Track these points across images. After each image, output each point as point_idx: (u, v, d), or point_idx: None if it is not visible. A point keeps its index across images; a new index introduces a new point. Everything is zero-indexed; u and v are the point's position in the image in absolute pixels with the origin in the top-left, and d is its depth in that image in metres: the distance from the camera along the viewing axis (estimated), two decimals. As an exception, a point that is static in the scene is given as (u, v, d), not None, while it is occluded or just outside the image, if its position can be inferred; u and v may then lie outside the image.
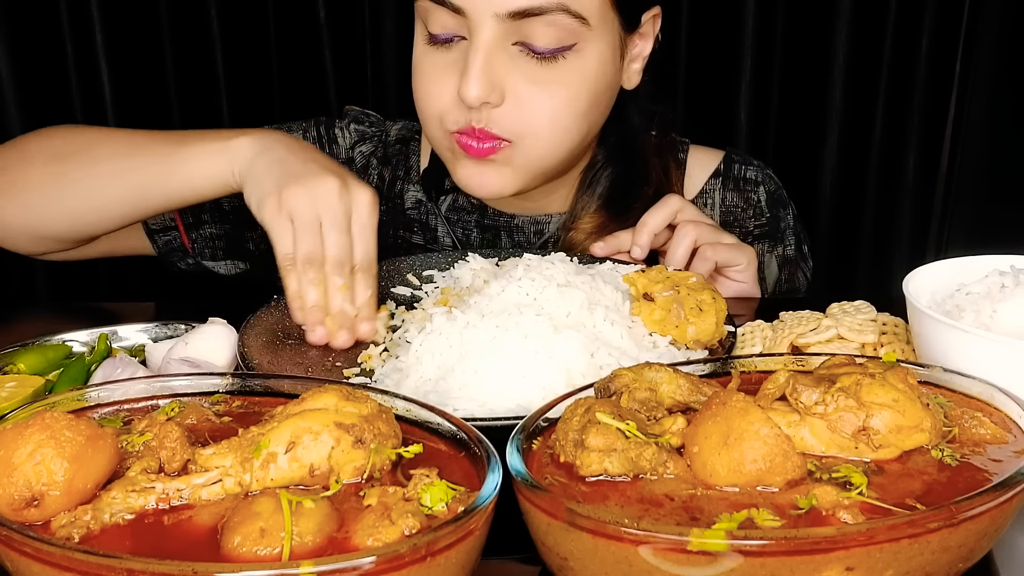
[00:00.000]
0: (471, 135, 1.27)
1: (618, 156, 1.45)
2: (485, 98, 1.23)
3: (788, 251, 1.52)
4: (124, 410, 0.82)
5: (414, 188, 1.51)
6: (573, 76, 1.26)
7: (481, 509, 0.65)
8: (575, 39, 1.24)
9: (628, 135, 1.45)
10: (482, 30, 1.21)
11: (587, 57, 1.26)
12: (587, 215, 1.42)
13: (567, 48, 1.24)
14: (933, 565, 0.65)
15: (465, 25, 1.23)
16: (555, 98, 1.26)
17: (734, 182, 1.52)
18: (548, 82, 1.25)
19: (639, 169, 1.45)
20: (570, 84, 1.26)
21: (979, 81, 2.07)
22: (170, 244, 1.46)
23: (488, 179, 1.31)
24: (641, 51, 1.37)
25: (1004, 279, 1.00)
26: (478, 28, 1.22)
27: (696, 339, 1.08)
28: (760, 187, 1.52)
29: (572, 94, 1.27)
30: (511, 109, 1.25)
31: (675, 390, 0.81)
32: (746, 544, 0.62)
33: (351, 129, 1.53)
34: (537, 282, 1.07)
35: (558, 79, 1.25)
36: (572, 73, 1.26)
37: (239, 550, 0.63)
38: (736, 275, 1.32)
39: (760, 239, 1.51)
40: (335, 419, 0.72)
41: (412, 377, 1.01)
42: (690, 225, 1.29)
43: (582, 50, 1.25)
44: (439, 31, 1.26)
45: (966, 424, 0.77)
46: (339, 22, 2.06)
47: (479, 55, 1.22)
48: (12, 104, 1.96)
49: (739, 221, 1.51)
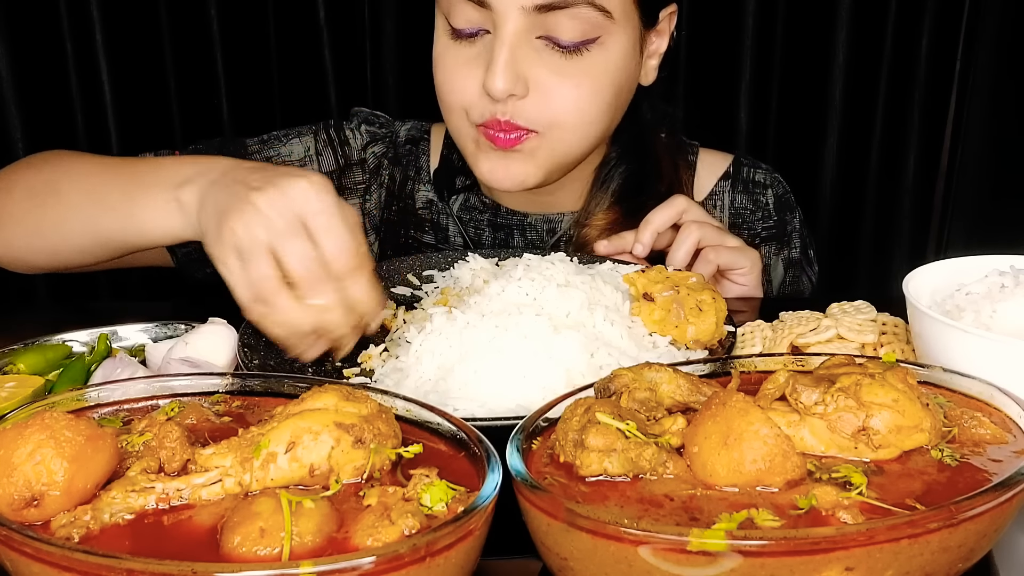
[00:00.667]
0: (496, 127, 1.28)
1: (631, 153, 1.45)
2: (511, 90, 1.24)
3: (794, 254, 1.53)
4: (124, 410, 0.82)
5: (425, 188, 1.52)
6: (597, 69, 1.28)
7: (481, 509, 0.65)
8: (599, 32, 1.25)
9: (641, 132, 1.46)
10: (507, 23, 1.23)
11: (610, 50, 1.28)
12: (600, 212, 1.43)
13: (591, 41, 1.25)
14: (933, 565, 0.65)
15: (490, 19, 1.24)
16: (580, 88, 1.27)
17: (743, 185, 1.53)
18: (572, 74, 1.26)
19: (651, 167, 1.45)
20: (595, 76, 1.28)
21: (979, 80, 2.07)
22: (190, 256, 1.42)
23: (513, 170, 1.32)
24: (658, 48, 1.39)
25: (1004, 279, 1.00)
26: (503, 21, 1.23)
27: (696, 339, 1.08)
28: (769, 190, 1.53)
29: (597, 86, 1.28)
30: (537, 100, 1.27)
31: (675, 390, 0.81)
32: (746, 544, 0.62)
33: (362, 130, 1.53)
34: (537, 282, 1.07)
35: (583, 71, 1.27)
36: (596, 66, 1.27)
37: (239, 550, 0.63)
38: (739, 278, 1.32)
39: (767, 241, 1.51)
40: (335, 419, 0.72)
41: (412, 377, 1.01)
42: (694, 226, 1.29)
43: (605, 43, 1.27)
44: (464, 25, 1.27)
45: (966, 424, 0.77)
46: (339, 22, 2.06)
47: (504, 48, 1.23)
48: (12, 104, 1.96)
49: (747, 223, 1.52)
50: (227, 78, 2.06)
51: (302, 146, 1.49)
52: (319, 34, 2.06)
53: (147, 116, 2.05)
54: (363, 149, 1.52)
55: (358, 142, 1.52)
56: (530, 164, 1.32)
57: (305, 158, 1.49)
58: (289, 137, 1.50)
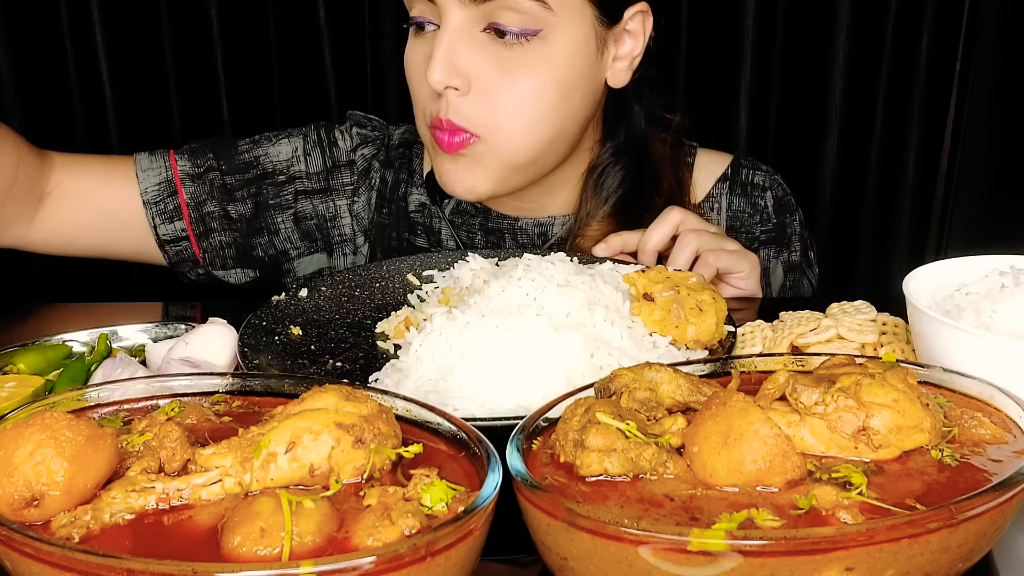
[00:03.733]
0: (439, 127, 1.28)
1: (625, 159, 1.44)
2: (447, 82, 1.24)
3: (793, 257, 1.52)
4: (124, 410, 0.82)
5: (418, 191, 1.51)
6: (539, 63, 1.27)
7: (481, 509, 0.65)
8: (540, 25, 1.24)
9: (634, 137, 1.45)
10: (450, 15, 1.24)
11: (553, 44, 1.26)
12: (595, 222, 1.41)
13: (532, 33, 1.25)
14: (933, 565, 0.65)
15: (436, 12, 1.26)
16: (519, 86, 1.27)
17: (741, 187, 1.51)
18: (513, 68, 1.26)
19: (649, 178, 1.44)
20: (536, 70, 1.27)
21: (979, 80, 2.07)
22: (181, 254, 1.46)
23: (461, 176, 1.32)
24: (631, 50, 1.36)
25: (1004, 279, 1.00)
26: (446, 13, 1.24)
27: (696, 339, 1.08)
28: (768, 192, 1.51)
29: (538, 82, 1.27)
30: (477, 100, 1.26)
31: (675, 390, 0.81)
32: (746, 544, 0.62)
33: (353, 133, 1.53)
34: (537, 282, 1.07)
35: (523, 64, 1.26)
36: (538, 60, 1.27)
37: (239, 550, 0.63)
38: (738, 281, 1.32)
39: (766, 244, 1.50)
40: (335, 419, 0.72)
41: (412, 377, 1.01)
42: (692, 235, 1.29)
43: (547, 37, 1.25)
44: (416, 15, 1.29)
45: (966, 424, 0.77)
46: (339, 22, 2.06)
47: (444, 39, 1.24)
48: (12, 104, 1.97)
49: (746, 227, 1.51)
50: (227, 78, 2.06)
51: (290, 147, 1.49)
52: (319, 34, 2.06)
53: (147, 116, 2.06)
54: (352, 151, 1.52)
55: (347, 144, 1.52)
56: (478, 171, 1.31)
57: (292, 158, 1.49)
58: (279, 138, 1.50)
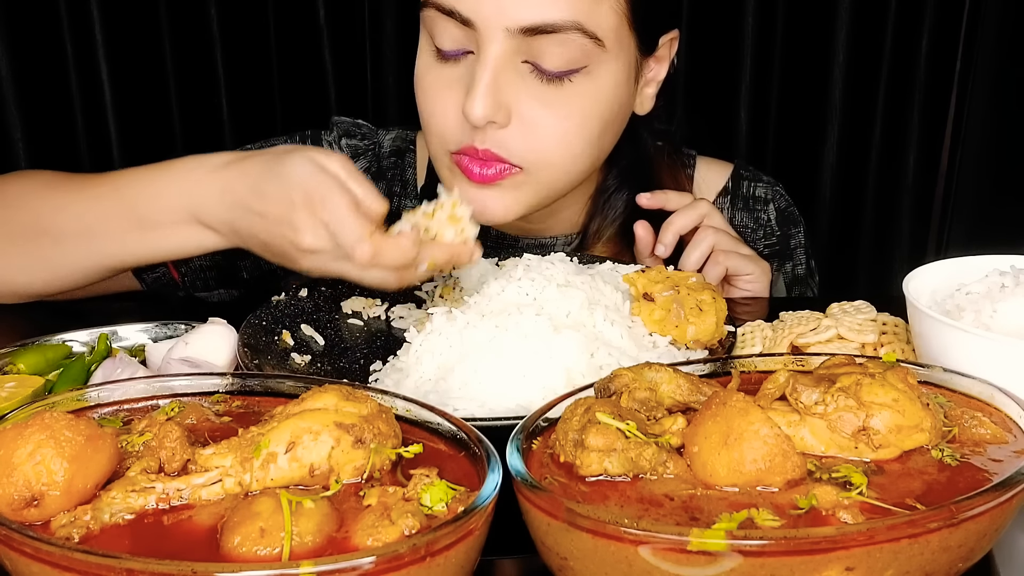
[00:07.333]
0: (473, 156, 1.20)
1: (631, 182, 1.40)
2: (491, 117, 1.16)
3: (799, 270, 1.50)
4: (124, 410, 0.82)
5: (411, 204, 1.44)
6: (584, 100, 1.20)
7: (481, 509, 0.65)
8: (587, 60, 1.17)
9: (641, 160, 1.42)
10: (491, 45, 1.15)
11: (599, 80, 1.20)
12: (600, 244, 1.40)
13: (576, 71, 1.17)
14: (933, 565, 0.65)
15: (474, 39, 1.16)
16: (565, 121, 1.20)
17: (743, 201, 1.50)
18: (557, 104, 1.19)
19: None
20: (581, 107, 1.20)
21: (979, 80, 2.07)
22: (159, 280, 1.38)
23: (490, 205, 1.23)
24: (656, 75, 1.32)
25: (1004, 279, 1.00)
26: (487, 43, 1.15)
27: (696, 339, 1.08)
28: (770, 205, 1.50)
29: (583, 118, 1.21)
30: (518, 132, 1.19)
31: (675, 390, 0.81)
32: (746, 544, 0.62)
33: (342, 144, 1.47)
34: (537, 282, 1.07)
35: (567, 101, 1.19)
36: (583, 97, 1.20)
37: (239, 550, 0.63)
38: (746, 285, 1.31)
39: (769, 259, 1.48)
40: (335, 419, 0.72)
41: (412, 377, 1.01)
42: (710, 230, 1.28)
43: (593, 72, 1.19)
44: (448, 46, 1.19)
45: (966, 424, 0.77)
46: (339, 23, 2.06)
47: (487, 71, 1.15)
48: (12, 104, 1.96)
49: (749, 242, 1.47)
50: (227, 78, 2.06)
51: None
52: (319, 34, 2.06)
53: (147, 116, 2.06)
54: None
55: None
56: (508, 199, 1.23)
57: None
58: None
